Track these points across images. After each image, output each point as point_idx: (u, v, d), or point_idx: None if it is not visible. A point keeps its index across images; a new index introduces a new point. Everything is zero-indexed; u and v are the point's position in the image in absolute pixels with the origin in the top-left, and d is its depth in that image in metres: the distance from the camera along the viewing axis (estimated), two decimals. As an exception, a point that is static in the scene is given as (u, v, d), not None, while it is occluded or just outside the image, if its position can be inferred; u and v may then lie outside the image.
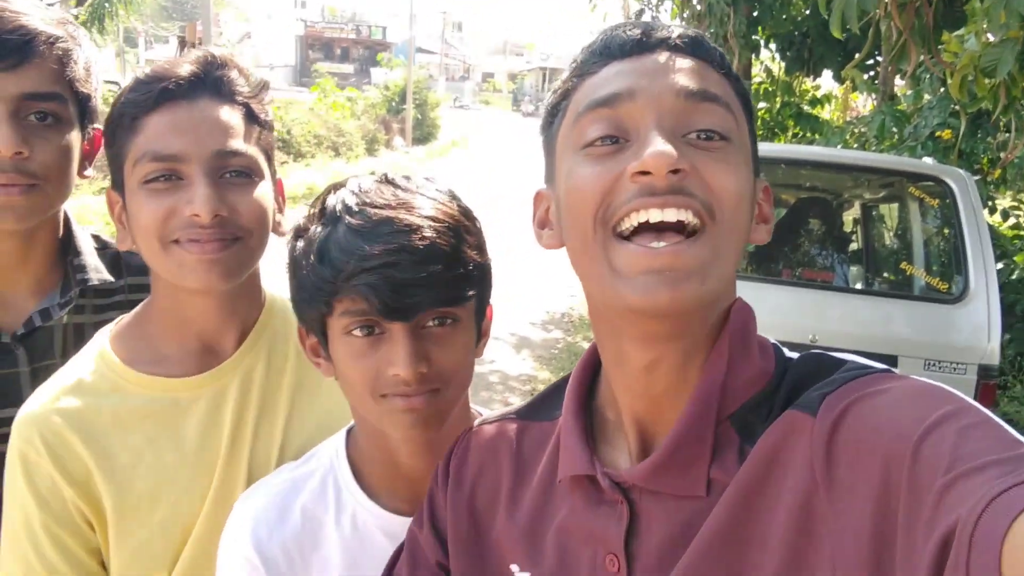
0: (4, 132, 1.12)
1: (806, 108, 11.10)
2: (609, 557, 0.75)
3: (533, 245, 0.88)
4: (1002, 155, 6.14)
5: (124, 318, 1.21)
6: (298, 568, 1.03)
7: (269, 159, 1.16)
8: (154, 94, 1.06)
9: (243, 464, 1.16)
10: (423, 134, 29.42)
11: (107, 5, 13.18)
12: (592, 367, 0.85)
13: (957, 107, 5.33)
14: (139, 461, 1.11)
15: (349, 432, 1.11)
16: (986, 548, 0.47)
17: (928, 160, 4.91)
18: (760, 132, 10.85)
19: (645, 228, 0.68)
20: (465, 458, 0.92)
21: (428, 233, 0.91)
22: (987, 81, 3.90)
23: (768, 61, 11.09)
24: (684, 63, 0.72)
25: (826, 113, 12.11)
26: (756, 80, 10.64)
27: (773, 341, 0.78)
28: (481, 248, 1.00)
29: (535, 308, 8.57)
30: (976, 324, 3.80)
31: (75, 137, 1.23)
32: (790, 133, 10.73)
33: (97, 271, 1.33)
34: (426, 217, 0.93)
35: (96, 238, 1.39)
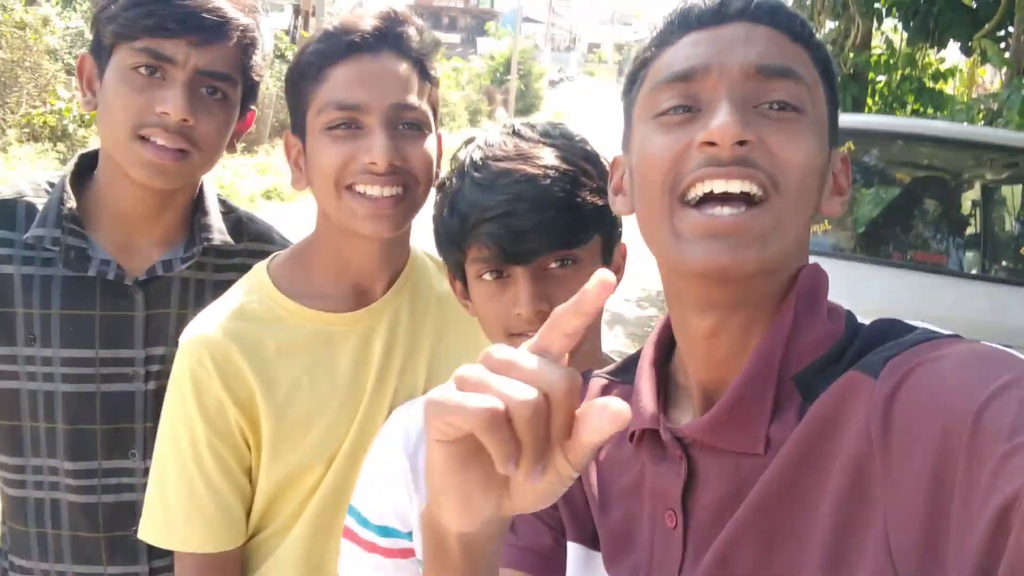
0: (178, 99, 1.21)
1: (928, 83, 10.48)
2: (668, 512, 0.76)
3: (629, 220, 0.89)
4: None
5: (281, 254, 1.30)
6: None
7: (435, 114, 1.23)
8: (341, 46, 1.14)
9: (387, 397, 1.24)
10: (525, 106, 29.41)
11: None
12: (669, 333, 0.86)
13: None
14: (297, 389, 1.19)
15: None
16: None
17: (1059, 138, 4.58)
18: (877, 107, 10.32)
19: (710, 198, 0.70)
20: None
21: (543, 182, 0.98)
22: None
23: (889, 31, 10.52)
24: (760, 34, 0.73)
25: (950, 89, 11.41)
26: (876, 52, 10.12)
27: (847, 308, 0.77)
28: (602, 190, 1.02)
29: (630, 284, 8.50)
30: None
31: (234, 116, 1.33)
32: (909, 109, 10.18)
33: (221, 232, 1.41)
34: (543, 166, 0.99)
35: (223, 202, 1.48)
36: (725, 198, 0.69)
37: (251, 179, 11.80)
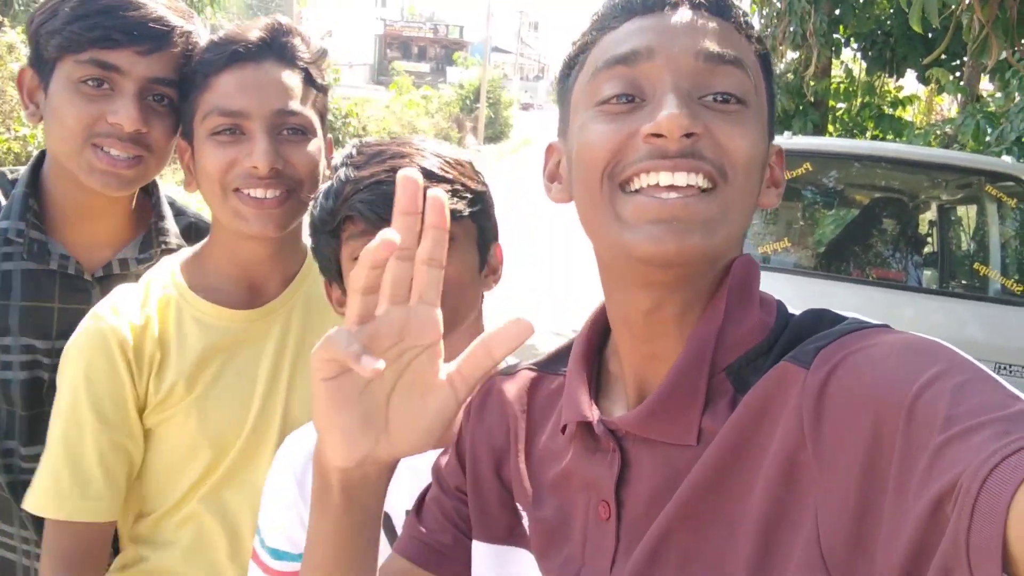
0: (130, 109, 1.23)
1: (887, 110, 10.77)
2: (601, 504, 0.75)
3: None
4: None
5: (188, 250, 1.35)
6: None
7: (323, 119, 1.28)
8: (225, 55, 1.19)
9: (279, 401, 1.28)
10: (495, 133, 29.62)
11: (195, 2, 13.74)
12: (602, 323, 0.84)
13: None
14: (187, 369, 1.23)
15: None
16: (990, 518, 0.45)
17: (1008, 159, 4.75)
18: (838, 132, 10.58)
19: (655, 189, 0.69)
20: (486, 400, 0.93)
21: (417, 158, 1.03)
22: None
23: (849, 61, 10.81)
24: (706, 23, 0.71)
25: (909, 116, 11.73)
26: (836, 80, 10.39)
27: (777, 298, 0.77)
28: (475, 179, 1.08)
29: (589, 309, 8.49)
30: (1053, 328, 3.68)
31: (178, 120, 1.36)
32: (869, 135, 10.44)
33: (177, 236, 1.46)
34: (418, 148, 1.05)
35: (171, 204, 1.51)
36: (670, 189, 0.68)
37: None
